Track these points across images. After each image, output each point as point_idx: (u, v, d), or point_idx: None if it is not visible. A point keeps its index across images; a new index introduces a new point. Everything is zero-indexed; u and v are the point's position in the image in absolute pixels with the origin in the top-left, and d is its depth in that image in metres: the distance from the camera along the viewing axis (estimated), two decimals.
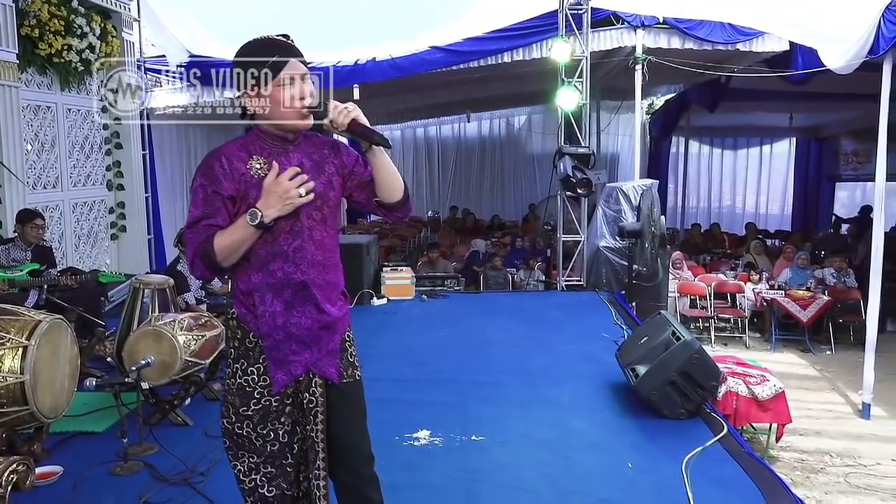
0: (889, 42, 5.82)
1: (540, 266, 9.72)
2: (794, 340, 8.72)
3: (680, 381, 3.74)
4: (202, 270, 2.02)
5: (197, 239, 1.97)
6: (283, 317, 2.06)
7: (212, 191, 1.98)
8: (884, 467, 5.37)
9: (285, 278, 2.05)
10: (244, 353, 2.08)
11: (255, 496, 2.16)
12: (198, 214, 1.99)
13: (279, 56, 2.00)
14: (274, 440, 2.11)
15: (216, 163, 2.00)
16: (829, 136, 14.48)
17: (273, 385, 2.07)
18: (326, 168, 2.12)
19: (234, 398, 2.09)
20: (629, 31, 7.92)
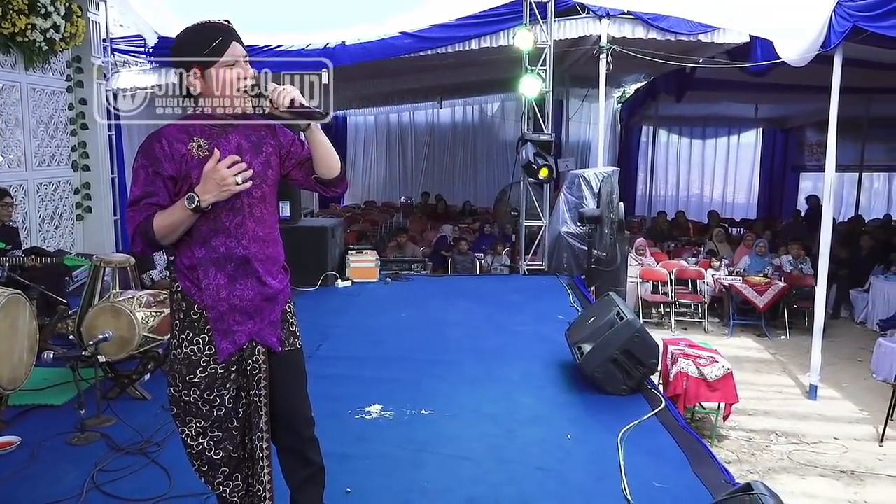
0: (839, 36, 6.00)
1: (507, 251, 9.88)
2: (751, 325, 8.97)
3: (622, 358, 3.91)
4: (142, 247, 2.10)
5: (137, 217, 2.06)
6: (226, 289, 2.16)
7: (153, 171, 2.06)
8: (825, 445, 5.61)
9: (228, 253, 2.15)
10: (189, 325, 2.17)
11: (203, 459, 2.26)
12: (139, 193, 2.07)
13: (221, 39, 2.08)
14: (220, 406, 2.21)
15: (157, 144, 2.07)
16: (793, 127, 14.77)
17: (219, 354, 2.17)
18: (265, 148, 2.22)
19: (181, 367, 2.18)
20: (594, 21, 8.04)
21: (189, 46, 2.10)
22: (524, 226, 8.04)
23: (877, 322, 8.69)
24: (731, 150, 15.61)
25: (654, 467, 3.13)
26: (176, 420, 2.26)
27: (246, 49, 2.14)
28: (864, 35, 5.79)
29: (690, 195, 15.66)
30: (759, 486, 1.99)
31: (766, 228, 11.83)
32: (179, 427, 2.25)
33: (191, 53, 2.09)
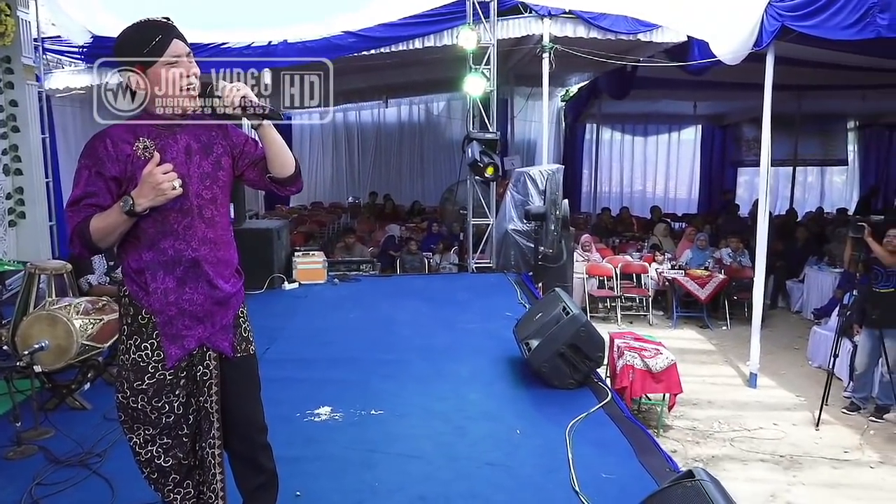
0: (770, 35, 6.21)
1: (455, 250, 9.93)
2: (694, 317, 9.21)
3: (569, 352, 3.97)
4: (79, 249, 2.04)
5: (76, 218, 2.01)
6: (175, 293, 2.12)
7: (95, 171, 2.02)
8: (765, 431, 5.80)
9: (176, 256, 2.11)
10: (137, 330, 2.13)
11: (152, 466, 2.22)
12: (79, 194, 2.02)
13: (161, 37, 2.03)
14: (169, 412, 2.17)
15: (100, 144, 2.04)
16: (730, 124, 15.20)
17: (167, 360, 2.13)
18: (215, 149, 2.19)
19: (129, 373, 2.13)
20: (536, 20, 8.14)
21: (129, 46, 2.05)
22: (472, 224, 8.08)
23: (811, 311, 9.02)
24: (671, 146, 15.98)
25: (602, 458, 3.19)
26: (124, 427, 2.21)
27: (189, 46, 2.09)
28: (794, 34, 6.01)
29: (634, 191, 15.97)
30: (700, 472, 2.05)
31: (706, 223, 12.15)
32: (128, 434, 2.21)
33: (131, 53, 2.05)
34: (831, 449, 5.49)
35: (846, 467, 5.21)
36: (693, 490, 1.99)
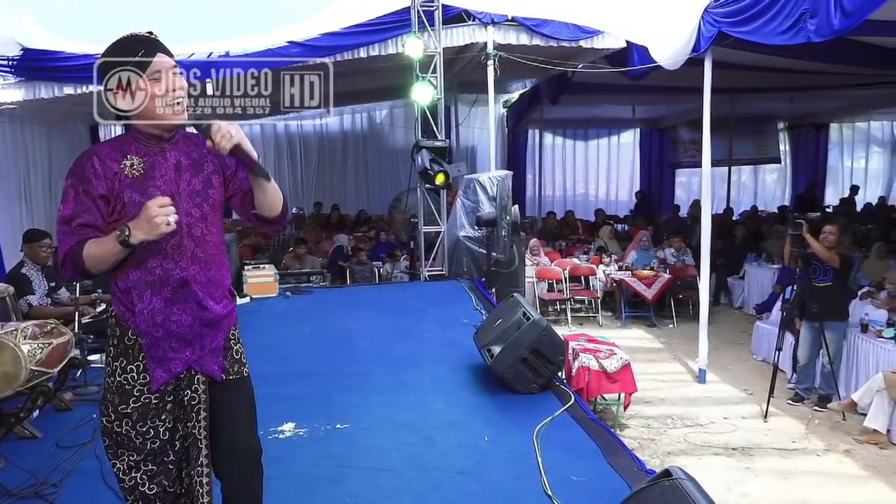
0: (708, 41, 6.41)
1: (405, 258, 9.91)
2: (641, 317, 9.42)
3: (531, 357, 4.01)
4: (72, 273, 2.00)
5: (69, 241, 1.97)
6: (162, 314, 2.06)
7: (82, 190, 1.98)
8: (716, 425, 5.96)
9: (164, 275, 2.06)
10: (123, 351, 2.08)
11: (136, 494, 2.15)
12: (68, 214, 1.98)
13: (144, 52, 2.00)
14: (154, 437, 2.11)
15: (87, 162, 2.00)
16: (667, 127, 15.61)
17: (152, 383, 2.08)
18: (206, 167, 2.15)
19: (114, 396, 2.08)
20: (480, 28, 8.19)
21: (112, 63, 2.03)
22: (423, 232, 8.08)
23: (753, 307, 9.32)
24: (611, 150, 16.31)
25: (571, 461, 3.23)
26: (108, 452, 2.15)
27: (174, 60, 2.06)
28: (731, 40, 6.22)
29: (577, 195, 16.22)
30: (677, 471, 2.09)
31: (648, 224, 12.44)
32: (111, 460, 2.15)
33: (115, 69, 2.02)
34: (780, 439, 5.68)
35: (794, 456, 5.40)
36: (671, 489, 2.03)
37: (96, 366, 4.62)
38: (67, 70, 7.35)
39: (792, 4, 5.14)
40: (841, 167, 16.69)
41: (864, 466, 5.17)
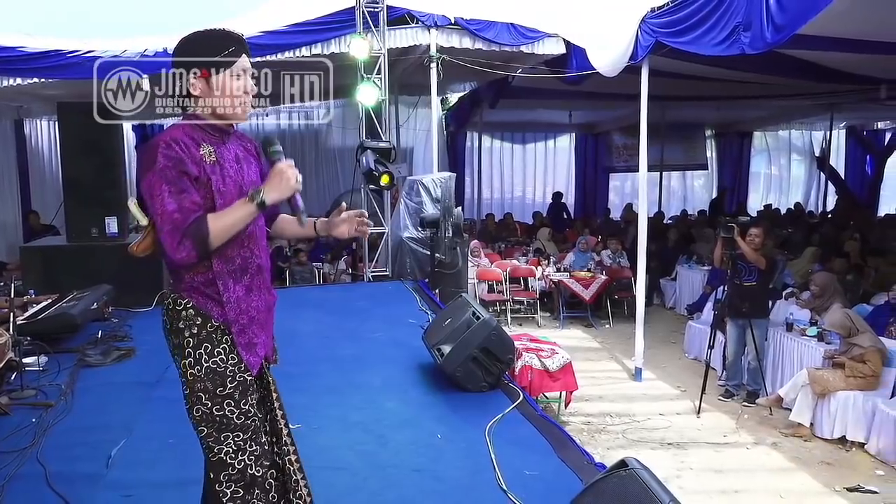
0: (645, 49, 6.63)
1: (346, 259, 9.87)
2: (579, 317, 9.65)
3: (481, 356, 4.07)
4: (188, 252, 1.94)
5: (185, 219, 1.93)
6: (245, 301, 2.13)
7: (179, 171, 1.96)
8: (652, 422, 6.17)
9: (244, 263, 2.14)
10: (206, 338, 2.07)
11: (246, 478, 2.12)
12: (174, 197, 1.94)
13: (234, 48, 2.08)
14: (253, 415, 2.15)
15: (175, 145, 1.98)
16: (602, 132, 15.99)
17: (249, 365, 2.12)
18: (254, 161, 2.26)
19: (205, 383, 2.06)
20: (423, 31, 8.25)
21: (200, 48, 2.08)
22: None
23: (685, 307, 9.66)
24: (548, 153, 16.59)
25: (523, 456, 3.30)
26: (209, 440, 2.11)
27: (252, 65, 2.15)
28: (667, 49, 6.45)
29: (514, 197, 16.43)
30: (632, 461, 2.19)
31: (584, 226, 12.73)
32: (215, 447, 2.10)
33: (203, 55, 2.07)
34: (712, 434, 5.93)
35: (726, 450, 5.65)
36: (629, 478, 2.13)
37: (32, 369, 4.46)
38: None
39: (727, 18, 5.38)
40: (763, 174, 17.47)
41: (790, 458, 5.45)
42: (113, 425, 3.69)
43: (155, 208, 1.94)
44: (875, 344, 5.62)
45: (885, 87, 8.76)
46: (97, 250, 6.19)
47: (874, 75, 8.37)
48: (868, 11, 5.42)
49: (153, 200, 1.95)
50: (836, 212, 14.86)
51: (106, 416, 3.84)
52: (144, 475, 3.17)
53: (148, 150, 1.99)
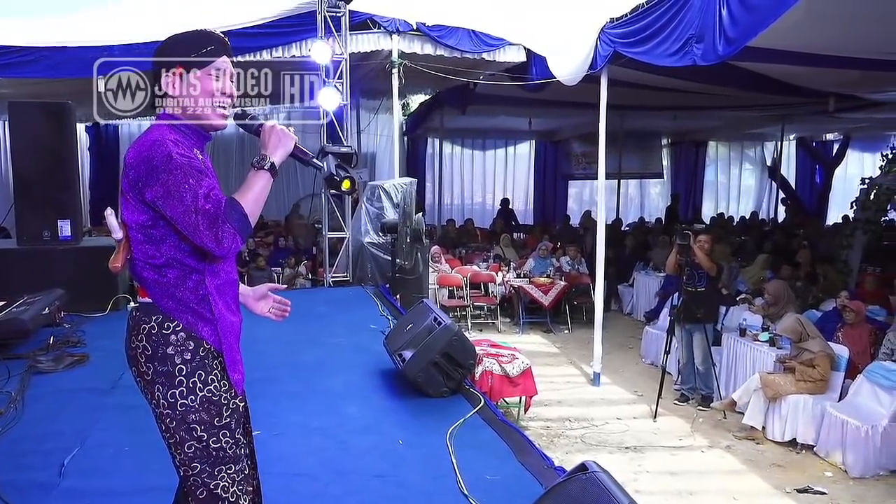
0: (604, 59, 6.75)
1: (306, 264, 9.80)
2: (538, 322, 9.74)
3: (442, 361, 4.09)
4: (231, 237, 1.83)
5: (217, 208, 1.82)
6: (229, 318, 2.02)
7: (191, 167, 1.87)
8: (610, 426, 6.27)
9: (227, 279, 2.05)
10: (199, 364, 1.94)
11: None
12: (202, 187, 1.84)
13: (213, 48, 2.01)
14: (243, 443, 2.06)
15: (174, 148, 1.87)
16: (562, 140, 16.18)
17: (235, 387, 2.02)
18: None
19: (200, 413, 1.92)
20: (385, 36, 8.26)
21: (179, 47, 2.02)
22: (327, 237, 8.03)
23: (643, 314, 9.82)
24: (508, 160, 16.74)
25: (483, 461, 3.32)
26: (202, 477, 1.94)
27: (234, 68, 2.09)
28: (625, 59, 6.57)
29: (474, 203, 16.52)
30: (592, 464, 2.22)
31: (543, 233, 12.86)
32: (210, 483, 1.95)
33: (178, 55, 2.01)
34: (668, 438, 6.05)
35: (681, 453, 5.77)
36: (589, 481, 2.15)
37: None
38: None
39: (680, 30, 5.51)
40: (716, 182, 17.88)
41: (743, 461, 5.59)
42: (66, 433, 3.60)
43: (179, 209, 1.82)
44: (824, 349, 5.80)
45: (833, 100, 9.06)
46: (49, 253, 6.03)
47: (823, 89, 8.65)
48: (818, 26, 5.60)
49: (175, 201, 1.82)
50: (787, 220, 15.29)
51: (58, 424, 3.75)
52: (99, 483, 3.10)
53: (152, 150, 1.86)
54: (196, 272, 1.96)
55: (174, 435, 1.93)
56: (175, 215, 1.83)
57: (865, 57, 6.59)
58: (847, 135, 16.02)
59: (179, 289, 1.94)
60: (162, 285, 1.94)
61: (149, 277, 1.94)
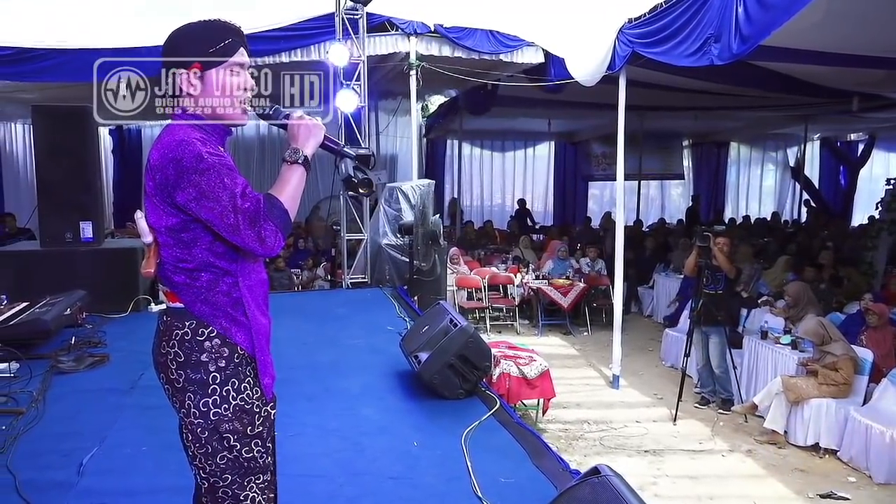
0: (622, 60, 6.70)
1: (325, 266, 9.84)
2: (557, 324, 9.69)
3: (458, 363, 4.08)
4: (273, 235, 1.76)
5: (256, 206, 1.74)
6: (261, 320, 1.96)
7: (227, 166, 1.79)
8: (629, 429, 6.21)
9: (258, 279, 1.98)
10: (233, 372, 1.87)
11: None
12: (238, 185, 1.75)
13: (231, 40, 1.89)
14: (272, 451, 2.00)
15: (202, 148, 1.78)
16: (581, 141, 16.12)
17: (265, 392, 1.96)
18: None
19: (234, 423, 1.85)
20: (403, 38, 8.27)
21: (194, 42, 1.88)
22: (345, 239, 8.06)
23: (662, 318, 9.74)
24: (527, 161, 16.71)
25: (498, 464, 3.31)
26: (233, 488, 1.88)
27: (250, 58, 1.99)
28: (643, 59, 6.53)
29: (493, 205, 16.51)
30: (604, 468, 2.19)
31: (562, 234, 12.80)
32: (240, 494, 1.89)
33: (194, 51, 1.87)
34: (688, 441, 5.98)
35: (702, 457, 5.70)
36: (601, 485, 2.13)
37: (3, 375, 4.40)
38: None
39: (700, 29, 5.46)
40: (737, 183, 17.70)
41: (764, 465, 5.51)
42: (85, 433, 3.64)
43: (217, 210, 1.74)
44: (848, 352, 5.71)
45: (858, 100, 8.93)
46: (71, 255, 6.12)
47: (847, 88, 8.53)
48: (839, 26, 5.52)
49: (211, 202, 1.74)
50: (810, 221, 15.09)
51: (78, 424, 3.79)
52: (117, 483, 3.13)
53: (180, 151, 1.76)
54: (229, 275, 1.88)
55: (205, 445, 1.85)
56: (212, 217, 1.75)
57: (890, 56, 6.49)
58: (872, 134, 15.78)
59: (213, 292, 1.87)
60: (195, 289, 1.86)
61: (180, 281, 1.87)
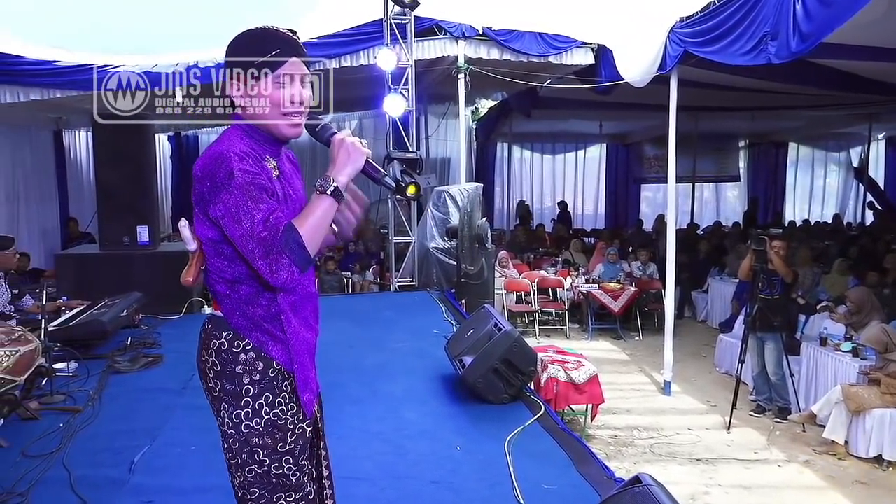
0: (674, 60, 6.58)
1: (374, 269, 9.92)
2: (607, 329, 9.55)
3: (502, 367, 4.06)
4: (287, 269, 1.68)
5: (274, 237, 1.66)
6: (303, 334, 1.91)
7: (259, 186, 1.72)
8: (681, 436, 6.07)
9: (304, 293, 1.92)
10: (268, 386, 1.83)
11: None
12: (262, 211, 1.68)
13: (279, 51, 1.81)
14: (307, 469, 1.96)
15: (248, 159, 1.75)
16: (633, 143, 15.87)
17: (305, 408, 1.90)
18: (299, 174, 2.04)
19: (264, 438, 1.83)
20: (451, 42, 8.28)
21: (241, 49, 1.85)
22: (393, 243, 8.11)
23: (717, 324, 9.49)
24: (578, 164, 16.52)
25: (541, 470, 3.27)
26: (260, 503, 1.88)
27: (308, 68, 1.89)
28: (695, 59, 6.39)
29: (544, 207, 16.39)
30: (646, 477, 2.15)
31: (614, 237, 12.62)
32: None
33: (242, 56, 1.85)
34: (742, 450, 5.81)
35: (756, 467, 5.53)
36: (641, 494, 2.08)
37: (62, 374, 4.57)
38: (33, 74, 7.26)
39: (755, 27, 5.31)
40: (796, 185, 17.15)
41: (822, 477, 5.31)
42: (138, 431, 3.75)
43: (238, 233, 1.69)
44: None
45: None
46: (129, 258, 6.32)
47: None
48: None
49: (234, 224, 1.69)
50: (875, 224, 14.52)
51: (131, 422, 3.91)
52: (166, 481, 3.21)
53: (216, 165, 1.72)
54: (269, 289, 1.82)
55: (236, 456, 1.85)
56: (235, 238, 1.72)
57: None
58: None
59: (251, 306, 1.83)
60: (234, 301, 1.84)
61: (221, 292, 1.85)
